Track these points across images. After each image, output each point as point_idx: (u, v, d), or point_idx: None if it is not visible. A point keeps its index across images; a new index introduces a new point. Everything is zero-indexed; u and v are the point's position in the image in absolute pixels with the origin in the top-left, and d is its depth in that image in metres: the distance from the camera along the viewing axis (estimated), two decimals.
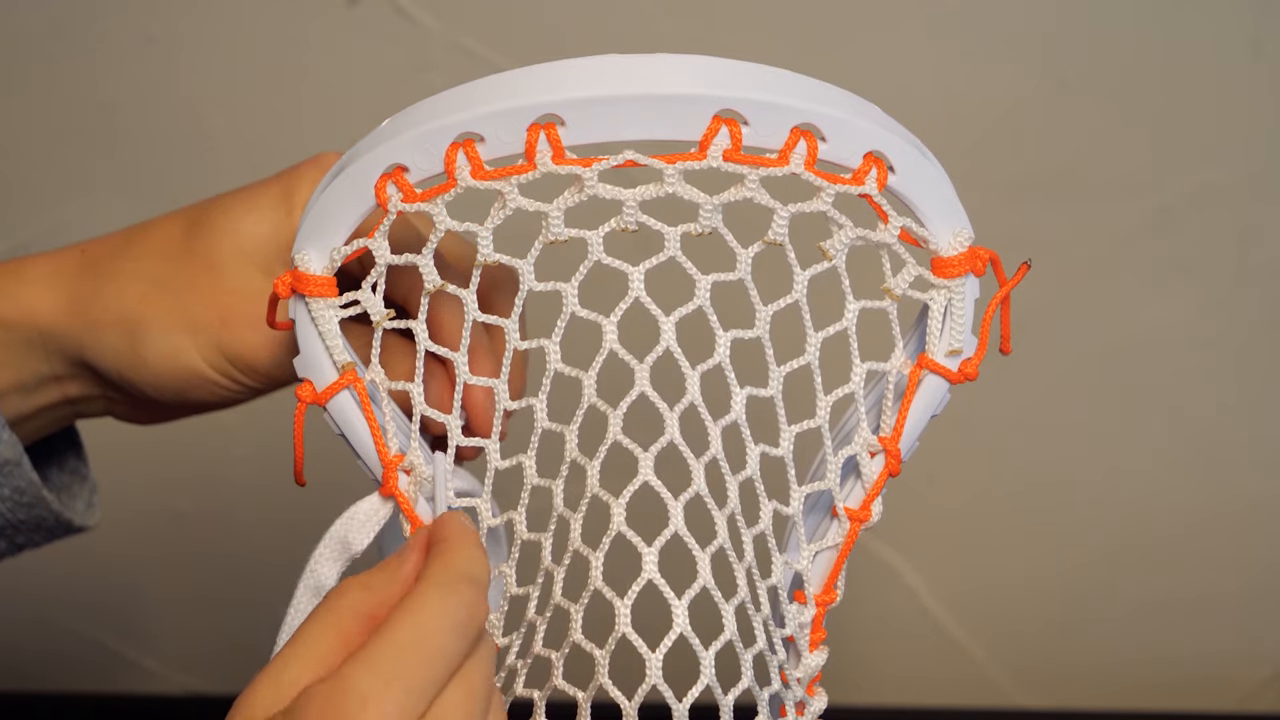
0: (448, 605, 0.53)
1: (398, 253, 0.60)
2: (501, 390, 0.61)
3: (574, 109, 0.57)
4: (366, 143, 0.59)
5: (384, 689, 0.50)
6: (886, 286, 0.61)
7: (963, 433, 1.06)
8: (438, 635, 0.52)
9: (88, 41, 1.00)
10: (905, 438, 0.62)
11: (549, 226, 0.58)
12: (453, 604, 0.53)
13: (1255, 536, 1.09)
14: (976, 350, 0.62)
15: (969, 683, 1.12)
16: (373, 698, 0.50)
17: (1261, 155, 1.00)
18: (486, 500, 0.63)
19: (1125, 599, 1.11)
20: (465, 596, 0.54)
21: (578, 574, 0.59)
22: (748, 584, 0.59)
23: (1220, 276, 1.03)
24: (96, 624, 1.13)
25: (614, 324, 0.59)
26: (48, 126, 1.02)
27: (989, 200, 1.00)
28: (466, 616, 0.53)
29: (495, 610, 0.63)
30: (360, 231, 0.60)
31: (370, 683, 0.50)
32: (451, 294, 0.60)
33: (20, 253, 1.03)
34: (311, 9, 0.99)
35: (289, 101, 1.01)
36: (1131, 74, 0.99)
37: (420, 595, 0.53)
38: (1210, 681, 1.12)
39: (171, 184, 1.02)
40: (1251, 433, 1.07)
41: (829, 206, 0.59)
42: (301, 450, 0.64)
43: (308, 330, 0.61)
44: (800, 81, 0.58)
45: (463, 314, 0.60)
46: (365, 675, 0.51)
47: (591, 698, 0.58)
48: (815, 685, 0.63)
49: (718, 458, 0.59)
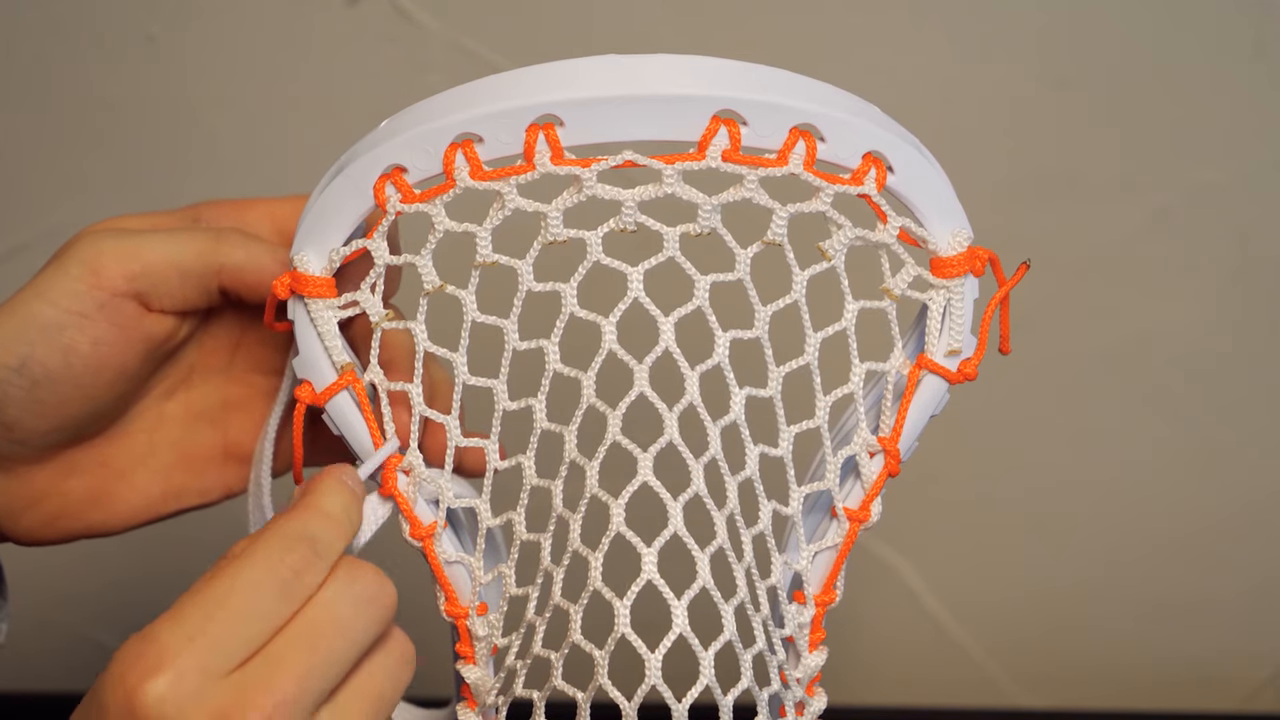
0: (270, 563, 0.53)
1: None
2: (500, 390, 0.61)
3: (573, 109, 0.57)
4: (365, 143, 0.59)
5: (186, 643, 0.51)
6: (885, 287, 0.61)
7: (962, 433, 1.06)
8: (251, 593, 0.52)
9: (87, 41, 1.00)
10: (904, 438, 0.62)
11: (548, 227, 0.58)
12: (275, 562, 0.53)
13: (1255, 537, 1.09)
14: (976, 350, 0.62)
15: (969, 683, 1.12)
16: (170, 651, 0.50)
17: (1261, 155, 1.00)
18: (485, 501, 0.63)
19: (1125, 599, 1.11)
20: (292, 556, 0.53)
21: (577, 574, 0.59)
22: (747, 584, 0.59)
23: (1220, 276, 1.03)
24: (96, 624, 1.13)
25: (613, 324, 0.59)
26: (47, 126, 1.02)
27: (988, 200, 1.00)
28: (289, 575, 0.53)
29: (495, 610, 0.63)
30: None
31: (172, 636, 0.51)
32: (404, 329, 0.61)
33: (19, 253, 1.03)
34: (311, 9, 0.99)
35: (289, 101, 1.01)
36: (1131, 74, 0.99)
37: (245, 553, 0.53)
38: (1210, 681, 1.12)
39: (171, 184, 1.02)
40: (1251, 433, 1.07)
41: (828, 207, 0.59)
42: (301, 451, 0.64)
43: (307, 331, 0.61)
44: (799, 81, 0.58)
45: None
46: (170, 628, 0.51)
47: (591, 698, 0.58)
48: (815, 685, 0.63)
49: (717, 458, 0.59)
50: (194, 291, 0.64)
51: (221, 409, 0.68)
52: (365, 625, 0.54)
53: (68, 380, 0.62)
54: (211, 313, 0.67)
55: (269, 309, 0.62)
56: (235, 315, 0.67)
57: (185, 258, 0.63)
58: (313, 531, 0.55)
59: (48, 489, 0.66)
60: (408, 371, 0.62)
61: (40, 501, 0.66)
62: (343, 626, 0.54)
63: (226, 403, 0.69)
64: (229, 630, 0.52)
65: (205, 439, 0.68)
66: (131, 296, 0.63)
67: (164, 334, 0.64)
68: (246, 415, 0.69)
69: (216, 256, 0.63)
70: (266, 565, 0.53)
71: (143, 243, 0.63)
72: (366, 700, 0.55)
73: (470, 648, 0.63)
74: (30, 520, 0.66)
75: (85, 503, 0.66)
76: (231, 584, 0.52)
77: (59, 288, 0.62)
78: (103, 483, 0.67)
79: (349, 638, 0.54)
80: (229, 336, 0.68)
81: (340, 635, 0.54)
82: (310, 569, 0.54)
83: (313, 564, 0.54)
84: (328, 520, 0.56)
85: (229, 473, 0.69)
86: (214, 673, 0.51)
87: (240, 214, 0.66)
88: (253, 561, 0.53)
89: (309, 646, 0.53)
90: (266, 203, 0.66)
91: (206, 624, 0.51)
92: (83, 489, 0.66)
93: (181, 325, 0.65)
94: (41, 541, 0.67)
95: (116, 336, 0.63)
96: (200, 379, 0.68)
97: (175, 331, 0.65)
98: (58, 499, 0.66)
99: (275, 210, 0.66)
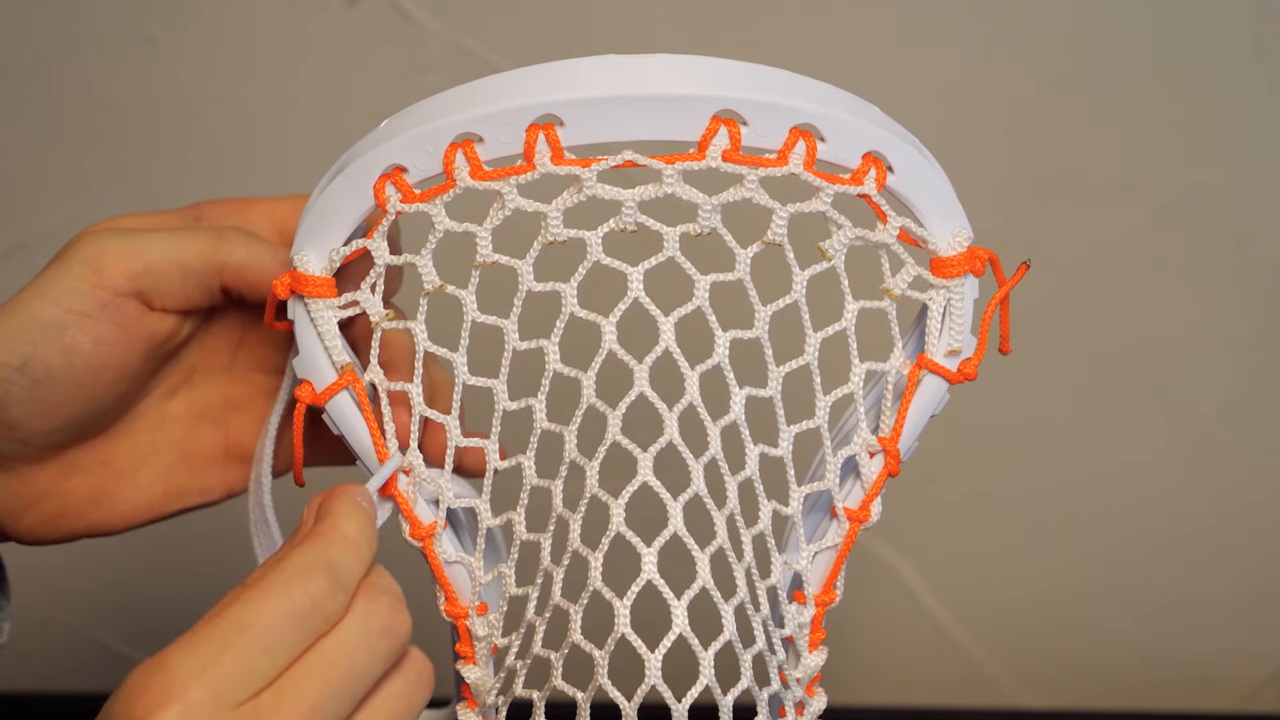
0: (290, 594, 0.52)
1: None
2: (500, 390, 0.61)
3: (573, 109, 0.57)
4: (365, 143, 0.59)
5: (198, 673, 0.50)
6: (885, 287, 0.61)
7: (962, 433, 1.06)
8: (269, 624, 0.51)
9: (87, 41, 1.00)
10: (904, 438, 0.62)
11: (548, 227, 0.58)
12: (296, 592, 0.52)
13: (1255, 537, 1.09)
14: (976, 350, 0.62)
15: (969, 683, 1.12)
16: (179, 681, 0.50)
17: (1261, 155, 1.00)
18: (485, 501, 0.63)
19: (1125, 599, 1.11)
20: (313, 587, 0.52)
21: (577, 574, 0.59)
22: (747, 584, 0.59)
23: (1220, 276, 1.03)
24: (96, 624, 1.13)
25: (613, 324, 0.59)
26: (46, 126, 1.02)
27: (988, 200, 1.00)
28: (309, 606, 0.52)
29: (495, 610, 0.63)
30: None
31: (182, 666, 0.50)
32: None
33: (19, 253, 1.03)
34: (311, 9, 0.99)
35: (289, 101, 1.01)
36: (1131, 74, 0.99)
37: (265, 580, 0.52)
38: (1210, 681, 1.12)
39: (171, 184, 1.02)
40: (1251, 433, 1.07)
41: (828, 207, 0.59)
42: (301, 451, 0.64)
43: (307, 331, 0.61)
44: (799, 82, 0.58)
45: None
46: (181, 658, 0.50)
47: (591, 698, 0.58)
48: (815, 685, 0.63)
49: (717, 458, 0.59)
50: (196, 290, 0.64)
51: (223, 408, 0.68)
52: (379, 658, 0.54)
53: (70, 379, 0.62)
54: (213, 312, 0.67)
55: (269, 308, 0.62)
56: (237, 314, 0.67)
57: (187, 256, 0.63)
58: (334, 559, 0.54)
59: (49, 488, 0.66)
60: (408, 372, 0.62)
61: (42, 501, 0.66)
62: (356, 660, 0.53)
63: (228, 402, 0.69)
64: (243, 662, 0.51)
65: (207, 438, 0.68)
66: (133, 295, 0.62)
67: (166, 333, 0.64)
68: (248, 414, 0.69)
69: (218, 255, 0.63)
70: (286, 596, 0.52)
71: (145, 242, 0.63)
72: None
73: (470, 648, 0.63)
74: (32, 519, 0.66)
75: (87, 502, 0.66)
76: (250, 614, 0.51)
77: (61, 287, 0.62)
78: (104, 482, 0.67)
79: (362, 670, 0.53)
80: (230, 336, 0.68)
81: (353, 669, 0.53)
82: (330, 599, 0.53)
83: (333, 594, 0.53)
84: (348, 546, 0.55)
85: (230, 472, 0.69)
86: (225, 704, 0.50)
87: (241, 213, 0.66)
88: (273, 591, 0.52)
89: (322, 679, 0.52)
90: (267, 202, 0.66)
91: (221, 655, 0.50)
92: (84, 488, 0.66)
93: (183, 324, 0.65)
94: (43, 541, 0.67)
95: (119, 336, 0.63)
96: (202, 378, 0.68)
97: (177, 330, 0.65)
98: (59, 498, 0.66)
99: (276, 210, 0.66)
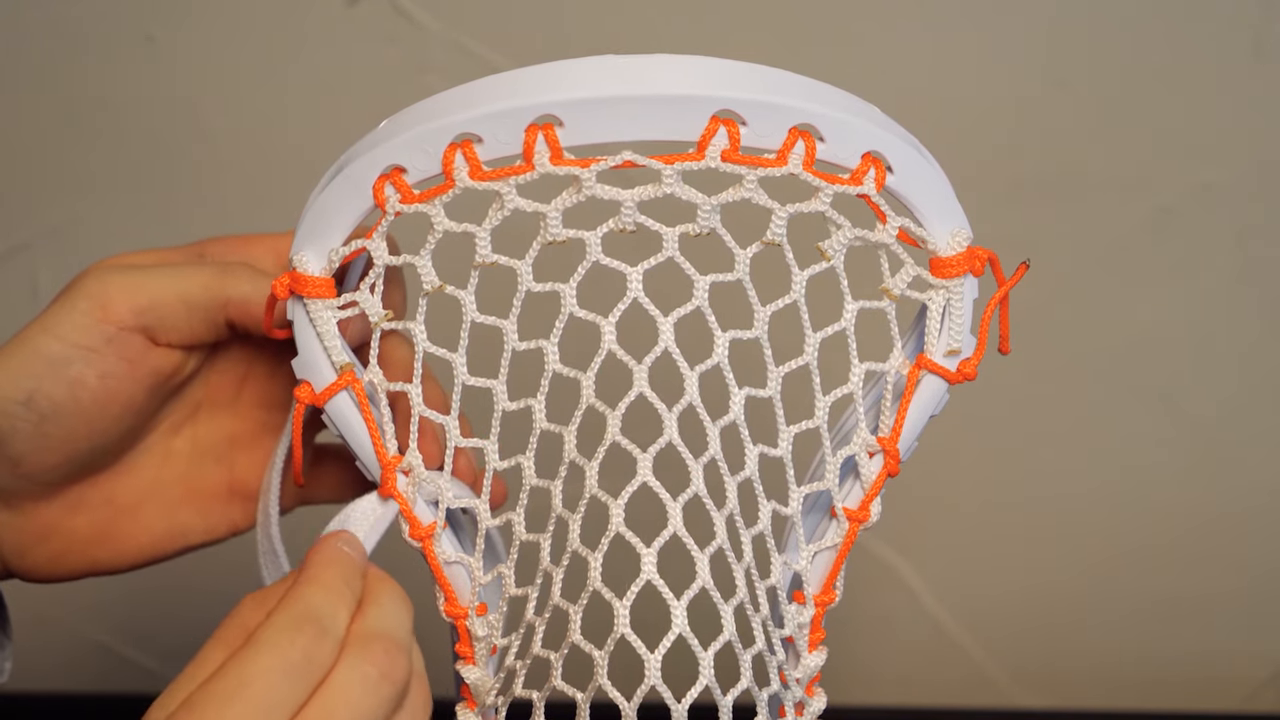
0: (281, 649, 0.53)
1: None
2: (500, 391, 0.61)
3: (572, 109, 0.57)
4: (365, 143, 0.59)
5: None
6: (885, 287, 0.61)
7: (962, 433, 1.06)
8: (265, 682, 0.52)
9: (87, 41, 1.00)
10: (904, 438, 0.62)
11: (547, 227, 0.58)
12: (286, 647, 0.53)
13: (1255, 536, 1.09)
14: (975, 350, 0.62)
15: (969, 683, 1.12)
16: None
17: (1262, 155, 1.00)
18: (484, 501, 0.63)
19: (1125, 599, 1.11)
20: (302, 639, 0.53)
21: (576, 575, 0.59)
22: (746, 584, 0.59)
23: (1220, 276, 1.03)
24: (96, 624, 1.13)
25: (612, 324, 0.59)
26: (46, 126, 1.02)
27: (988, 200, 1.00)
28: (301, 659, 0.53)
29: (494, 611, 0.63)
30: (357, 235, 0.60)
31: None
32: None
33: (19, 253, 1.03)
34: (311, 9, 0.99)
35: (288, 101, 1.01)
36: (1131, 74, 0.99)
37: (253, 639, 0.53)
38: (1210, 681, 1.12)
39: (171, 184, 1.02)
40: (1251, 433, 1.07)
41: (827, 207, 0.59)
42: (300, 451, 0.64)
43: (306, 331, 0.61)
44: (798, 81, 0.58)
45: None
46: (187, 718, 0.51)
47: (590, 698, 0.58)
48: (814, 685, 0.63)
49: (716, 458, 0.59)
50: (201, 324, 0.64)
51: (228, 445, 0.69)
52: (378, 704, 0.54)
53: (75, 414, 0.62)
54: (218, 348, 0.67)
55: (268, 311, 0.62)
56: (241, 350, 0.67)
57: (192, 291, 0.63)
58: (316, 608, 0.55)
59: (54, 526, 0.66)
60: (407, 372, 0.62)
61: (47, 539, 0.66)
62: (356, 710, 0.54)
63: (233, 439, 0.69)
64: (249, 718, 0.51)
65: (211, 476, 0.68)
66: (139, 330, 0.63)
67: (171, 368, 0.64)
68: (252, 452, 0.69)
69: (223, 289, 0.63)
70: (277, 651, 0.53)
71: (149, 277, 0.63)
72: None
73: (470, 648, 0.63)
74: (36, 557, 0.66)
75: (91, 540, 0.66)
76: (246, 672, 0.52)
77: (66, 322, 0.62)
78: (109, 520, 0.67)
79: (365, 718, 0.54)
80: (235, 371, 0.68)
81: (353, 718, 0.53)
82: (320, 648, 0.54)
83: (321, 643, 0.54)
84: (328, 594, 0.56)
85: (234, 510, 0.69)
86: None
87: (245, 249, 0.66)
88: (264, 648, 0.53)
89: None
90: (271, 238, 0.67)
91: (224, 712, 0.51)
92: (89, 526, 0.66)
93: (188, 359, 0.65)
94: (48, 579, 0.67)
95: (124, 370, 0.63)
96: (207, 415, 0.68)
97: (182, 365, 0.65)
98: (64, 536, 0.66)
99: (279, 245, 0.67)
